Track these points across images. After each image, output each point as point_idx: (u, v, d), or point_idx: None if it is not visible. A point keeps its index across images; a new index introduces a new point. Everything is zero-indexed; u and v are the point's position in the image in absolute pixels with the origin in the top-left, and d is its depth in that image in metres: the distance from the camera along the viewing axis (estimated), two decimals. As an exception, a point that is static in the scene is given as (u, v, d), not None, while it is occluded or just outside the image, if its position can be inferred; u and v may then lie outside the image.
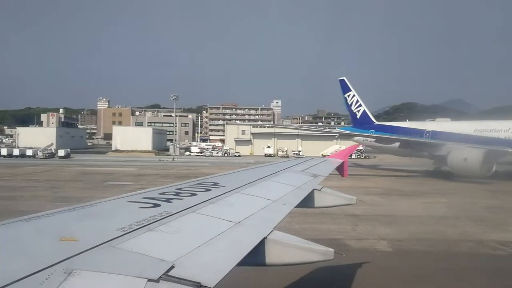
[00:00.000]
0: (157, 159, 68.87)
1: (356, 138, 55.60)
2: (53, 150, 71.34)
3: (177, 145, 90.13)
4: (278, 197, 4.76)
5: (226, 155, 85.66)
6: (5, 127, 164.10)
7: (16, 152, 68.84)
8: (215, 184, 5.08)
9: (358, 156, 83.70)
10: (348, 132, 58.47)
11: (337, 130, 71.46)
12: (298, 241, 3.32)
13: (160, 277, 2.01)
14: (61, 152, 67.54)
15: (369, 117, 56.88)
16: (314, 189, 5.86)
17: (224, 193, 4.47)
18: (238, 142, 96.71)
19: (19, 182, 33.33)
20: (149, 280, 1.95)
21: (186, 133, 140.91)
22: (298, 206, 4.86)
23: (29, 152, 68.45)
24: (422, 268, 12.72)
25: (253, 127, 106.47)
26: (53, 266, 1.92)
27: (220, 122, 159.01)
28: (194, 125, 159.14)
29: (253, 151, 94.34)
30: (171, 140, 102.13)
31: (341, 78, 60.09)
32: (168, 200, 3.78)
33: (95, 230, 2.71)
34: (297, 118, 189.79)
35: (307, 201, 5.49)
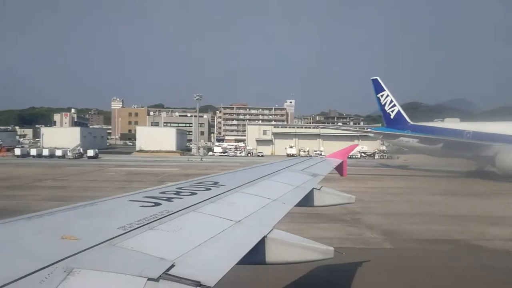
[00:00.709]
0: (186, 159, 68.75)
1: (389, 137, 55.29)
2: (81, 151, 71.10)
3: (201, 145, 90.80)
4: (278, 196, 4.77)
5: (249, 155, 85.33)
6: (17, 127, 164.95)
7: (45, 152, 68.80)
8: (215, 183, 5.09)
9: (381, 157, 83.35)
10: (387, 132, 57.49)
11: (371, 130, 69.94)
12: (298, 239, 3.33)
13: (160, 276, 2.01)
14: (90, 153, 67.44)
15: (403, 117, 56.28)
16: (313, 188, 5.88)
17: (224, 192, 4.48)
18: (260, 142, 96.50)
19: (84, 182, 33.68)
20: (149, 279, 1.96)
21: (202, 133, 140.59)
22: (298, 205, 4.87)
23: (58, 152, 68.30)
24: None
25: (274, 127, 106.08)
26: (53, 265, 1.92)
27: (234, 122, 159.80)
28: (210, 125, 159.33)
29: (274, 151, 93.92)
30: (189, 140, 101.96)
31: (374, 78, 59.48)
32: (168, 199, 3.79)
33: (96, 228, 2.72)
34: (308, 118, 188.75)
35: (307, 200, 5.51)
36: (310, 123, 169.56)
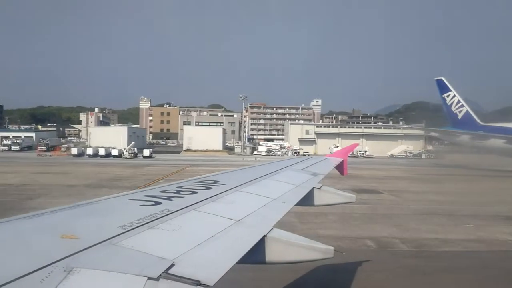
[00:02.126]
0: (240, 159, 68.37)
1: (461, 137, 54.42)
2: (136, 150, 70.75)
3: (248, 145, 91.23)
4: (278, 195, 4.76)
5: (295, 154, 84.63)
6: (39, 126, 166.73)
7: (101, 151, 68.55)
8: (215, 182, 5.08)
9: (428, 156, 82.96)
10: (460, 131, 56.08)
11: (439, 129, 67.97)
12: (298, 239, 3.32)
13: (160, 275, 2.01)
14: (146, 152, 67.25)
15: (473, 117, 55.61)
16: (314, 187, 5.87)
17: (225, 191, 4.47)
18: (302, 141, 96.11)
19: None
20: (149, 278, 1.95)
21: (233, 132, 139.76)
22: (298, 204, 4.86)
23: (114, 152, 68.15)
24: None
25: (317, 126, 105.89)
26: (53, 264, 1.92)
27: (261, 121, 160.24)
28: (240, 125, 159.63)
29: (317, 151, 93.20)
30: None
31: (439, 78, 58.92)
32: (169, 198, 3.78)
33: (96, 228, 2.71)
34: (329, 118, 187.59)
35: (307, 199, 5.50)
36: (332, 122, 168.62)
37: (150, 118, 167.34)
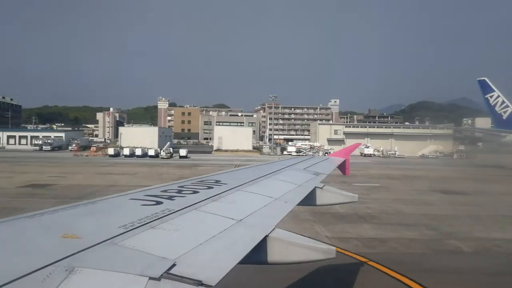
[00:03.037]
0: (276, 159, 67.58)
1: (507, 137, 54.17)
2: (171, 150, 70.77)
3: (277, 145, 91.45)
4: (280, 195, 4.75)
5: (326, 154, 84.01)
6: (54, 126, 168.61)
7: (138, 152, 68.53)
8: (217, 181, 5.08)
9: (460, 156, 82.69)
10: (508, 131, 55.52)
11: (485, 129, 67.94)
12: (300, 239, 3.31)
13: (162, 275, 2.01)
14: (183, 152, 66.91)
15: None
16: (316, 187, 5.86)
17: (226, 190, 4.47)
18: (331, 141, 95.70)
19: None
20: (150, 278, 1.95)
21: (253, 132, 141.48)
22: (300, 204, 4.85)
23: (151, 152, 68.00)
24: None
25: (345, 126, 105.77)
26: (55, 264, 1.92)
27: (280, 121, 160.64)
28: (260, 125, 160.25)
29: None
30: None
31: (482, 78, 58.57)
32: (170, 198, 3.78)
33: (97, 227, 2.71)
34: (344, 117, 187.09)
35: (309, 199, 5.48)
36: (347, 122, 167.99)
37: (168, 118, 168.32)
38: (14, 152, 76.20)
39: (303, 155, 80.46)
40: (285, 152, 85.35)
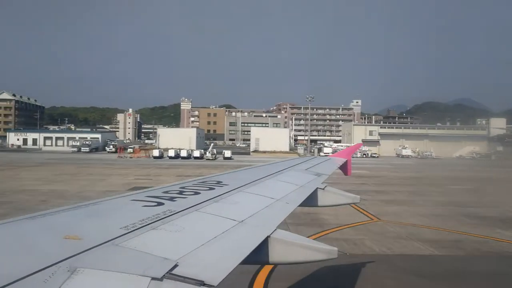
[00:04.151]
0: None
1: None
2: (215, 151, 70.68)
3: (315, 146, 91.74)
4: (282, 195, 4.75)
5: (364, 156, 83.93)
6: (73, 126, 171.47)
7: (184, 153, 68.88)
8: (218, 182, 5.08)
9: (498, 157, 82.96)
10: None
11: None
12: (302, 239, 3.31)
13: (164, 275, 2.01)
14: (228, 153, 67.19)
15: None
16: (317, 187, 5.85)
17: (228, 191, 4.47)
18: (366, 142, 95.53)
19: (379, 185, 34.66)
20: (152, 278, 1.95)
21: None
22: (302, 205, 4.85)
23: (196, 153, 68.26)
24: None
25: (380, 127, 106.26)
26: (57, 264, 1.92)
27: (302, 122, 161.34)
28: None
29: (380, 152, 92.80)
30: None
31: None
32: (171, 199, 3.79)
33: (99, 228, 2.72)
34: (363, 118, 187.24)
35: (311, 200, 5.48)
36: (365, 122, 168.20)
37: (192, 119, 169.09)
38: (54, 153, 76.99)
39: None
40: (321, 153, 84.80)
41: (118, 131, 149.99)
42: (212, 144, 75.50)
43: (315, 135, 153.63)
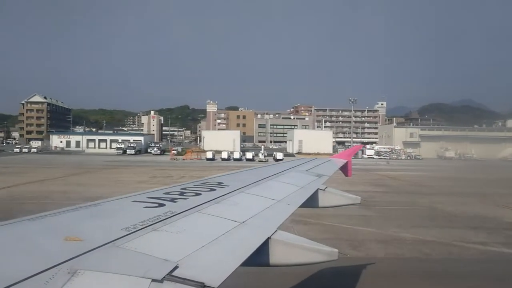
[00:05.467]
0: (373, 163, 67.66)
1: None
2: (266, 153, 71.01)
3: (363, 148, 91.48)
4: (282, 197, 4.74)
5: (409, 158, 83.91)
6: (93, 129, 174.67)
7: (236, 155, 69.53)
8: (219, 183, 5.08)
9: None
10: None
11: None
12: (302, 241, 3.31)
13: (164, 277, 2.01)
14: (280, 155, 67.22)
15: None
16: (318, 189, 5.85)
17: (229, 192, 4.47)
18: (406, 144, 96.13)
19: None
20: (153, 280, 1.95)
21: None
22: (302, 206, 4.84)
23: (248, 155, 68.95)
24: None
25: (421, 129, 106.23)
26: (57, 266, 1.92)
27: (327, 124, 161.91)
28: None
29: (421, 154, 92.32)
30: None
31: None
32: (172, 200, 3.78)
33: (100, 230, 2.72)
34: (386, 120, 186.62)
35: (311, 201, 5.47)
36: (385, 124, 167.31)
37: (218, 121, 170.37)
38: (101, 155, 76.37)
39: (385, 157, 79.48)
40: (364, 155, 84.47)
41: (145, 133, 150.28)
42: (262, 146, 75.93)
43: (341, 137, 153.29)
